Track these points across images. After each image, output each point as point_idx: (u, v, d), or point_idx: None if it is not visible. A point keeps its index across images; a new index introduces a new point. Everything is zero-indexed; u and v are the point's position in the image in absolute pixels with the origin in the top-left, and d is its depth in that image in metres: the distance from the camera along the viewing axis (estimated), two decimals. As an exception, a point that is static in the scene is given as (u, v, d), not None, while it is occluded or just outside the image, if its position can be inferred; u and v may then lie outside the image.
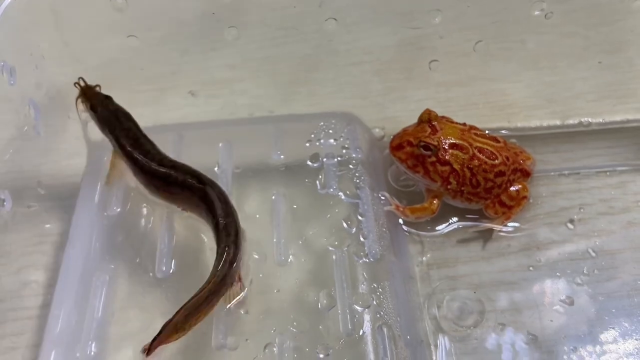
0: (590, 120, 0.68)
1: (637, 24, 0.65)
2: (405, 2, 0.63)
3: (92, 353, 0.50)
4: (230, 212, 0.49)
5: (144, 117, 0.59)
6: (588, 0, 0.64)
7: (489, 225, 0.60)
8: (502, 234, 0.60)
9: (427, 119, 0.59)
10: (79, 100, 0.57)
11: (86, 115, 0.58)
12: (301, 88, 0.69)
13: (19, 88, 0.53)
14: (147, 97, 0.66)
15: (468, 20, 0.64)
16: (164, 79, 0.66)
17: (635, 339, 0.53)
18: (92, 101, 0.56)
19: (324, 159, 0.63)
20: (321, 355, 0.50)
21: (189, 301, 0.45)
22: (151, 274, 0.54)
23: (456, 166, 0.57)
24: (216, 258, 0.48)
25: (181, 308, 0.45)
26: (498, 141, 0.60)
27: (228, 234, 0.48)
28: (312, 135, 0.65)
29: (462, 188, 0.58)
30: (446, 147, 0.57)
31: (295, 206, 0.60)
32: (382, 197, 0.60)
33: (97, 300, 0.53)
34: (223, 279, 0.46)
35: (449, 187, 0.58)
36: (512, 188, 0.60)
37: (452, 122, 0.60)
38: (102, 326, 0.52)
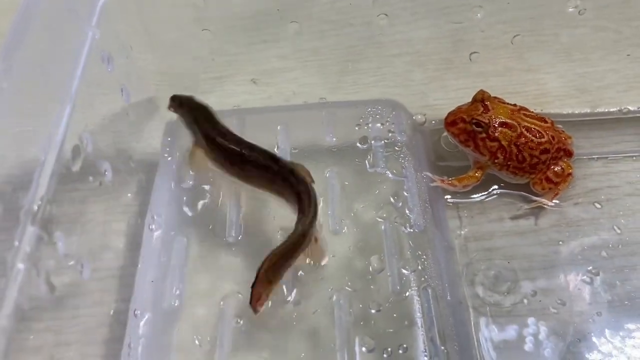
0: (618, 109, 0.71)
1: (665, 19, 0.67)
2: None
3: (177, 304, 0.57)
4: (307, 186, 0.55)
5: (209, 102, 0.63)
6: (619, -5, 0.67)
7: (539, 200, 0.63)
8: (533, 210, 0.63)
9: (481, 99, 0.62)
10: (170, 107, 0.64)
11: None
12: (347, 77, 0.73)
13: (115, 75, 0.59)
14: (212, 84, 0.71)
15: (507, 15, 0.67)
16: (229, 68, 0.71)
17: (655, 306, 0.56)
18: (179, 101, 0.63)
19: (372, 141, 0.67)
20: (373, 311, 0.55)
21: (272, 252, 0.51)
22: (224, 239, 0.60)
23: (504, 143, 0.61)
24: (297, 220, 0.53)
25: (267, 257, 0.51)
26: (546, 121, 0.64)
27: (309, 204, 0.53)
28: (361, 120, 0.69)
29: (509, 163, 0.62)
30: (496, 125, 0.61)
31: (346, 183, 0.64)
32: (425, 176, 0.64)
33: (176, 261, 0.59)
34: (303, 234, 0.52)
35: (496, 161, 0.62)
36: (557, 167, 0.63)
37: (504, 102, 0.63)
38: (182, 283, 0.58)
